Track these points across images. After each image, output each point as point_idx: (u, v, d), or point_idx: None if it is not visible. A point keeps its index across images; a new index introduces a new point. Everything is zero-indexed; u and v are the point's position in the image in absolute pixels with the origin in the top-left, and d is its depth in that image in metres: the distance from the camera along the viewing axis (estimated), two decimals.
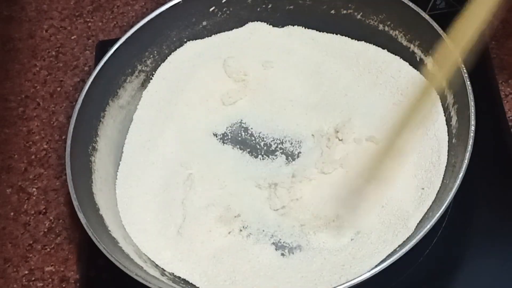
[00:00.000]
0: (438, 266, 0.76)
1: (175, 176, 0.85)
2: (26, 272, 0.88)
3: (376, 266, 0.69)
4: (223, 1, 0.89)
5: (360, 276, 0.68)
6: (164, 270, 0.78)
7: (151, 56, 0.91)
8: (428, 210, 0.74)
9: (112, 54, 0.87)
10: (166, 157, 0.87)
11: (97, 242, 0.73)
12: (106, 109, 0.87)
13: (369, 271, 0.68)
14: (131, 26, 0.89)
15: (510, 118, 0.84)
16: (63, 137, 0.97)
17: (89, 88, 0.85)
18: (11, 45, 1.08)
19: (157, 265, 0.78)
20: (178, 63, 0.93)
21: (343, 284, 0.68)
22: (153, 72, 0.92)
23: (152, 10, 1.00)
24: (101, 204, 0.80)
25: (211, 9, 0.91)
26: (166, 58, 0.93)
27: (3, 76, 1.04)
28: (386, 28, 0.87)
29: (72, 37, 1.07)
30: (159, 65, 0.92)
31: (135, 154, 0.87)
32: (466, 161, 0.71)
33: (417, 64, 0.85)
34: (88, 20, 1.08)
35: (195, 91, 0.91)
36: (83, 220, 0.75)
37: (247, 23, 0.94)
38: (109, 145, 0.86)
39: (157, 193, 0.84)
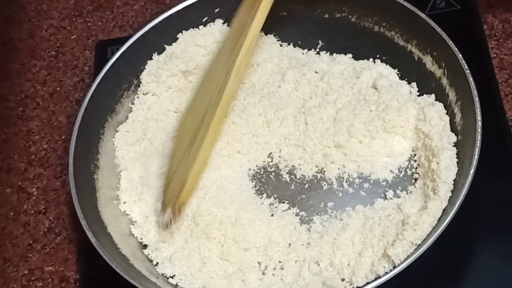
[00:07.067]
0: (439, 266, 0.76)
1: None
2: (26, 272, 0.88)
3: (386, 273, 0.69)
4: (215, 11, 0.88)
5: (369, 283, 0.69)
6: (177, 285, 0.77)
7: None
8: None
9: (107, 70, 0.86)
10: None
11: (110, 262, 0.72)
12: (105, 125, 0.86)
13: (376, 279, 0.69)
14: (131, 27, 0.89)
15: (510, 118, 0.84)
16: (63, 137, 0.97)
17: (87, 105, 0.84)
18: (11, 45, 1.08)
19: (168, 281, 0.78)
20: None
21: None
22: None
23: (152, 10, 1.00)
24: (107, 222, 0.80)
25: (204, 19, 0.90)
26: None
27: (3, 76, 1.04)
28: (382, 30, 0.87)
29: (72, 37, 1.07)
30: None
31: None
32: (476, 157, 0.71)
33: (415, 63, 0.85)
34: (88, 20, 1.08)
35: None
36: (92, 239, 0.74)
37: None
38: (110, 162, 0.86)
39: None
